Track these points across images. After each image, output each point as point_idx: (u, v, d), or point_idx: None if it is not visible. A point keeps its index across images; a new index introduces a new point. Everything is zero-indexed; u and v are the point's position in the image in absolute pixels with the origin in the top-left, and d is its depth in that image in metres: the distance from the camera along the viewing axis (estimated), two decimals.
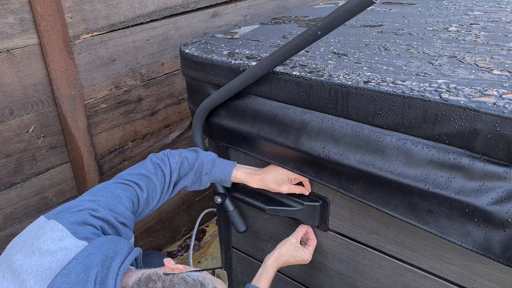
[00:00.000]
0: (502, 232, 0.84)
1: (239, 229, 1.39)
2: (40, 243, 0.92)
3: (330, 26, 0.88)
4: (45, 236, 0.93)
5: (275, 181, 1.24)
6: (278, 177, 1.24)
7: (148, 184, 1.17)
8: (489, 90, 0.91)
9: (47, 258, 0.90)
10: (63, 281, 0.87)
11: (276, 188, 1.25)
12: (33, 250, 0.91)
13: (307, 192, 1.27)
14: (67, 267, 0.88)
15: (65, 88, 1.54)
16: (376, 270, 1.23)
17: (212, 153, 1.30)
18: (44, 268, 0.88)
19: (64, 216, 0.99)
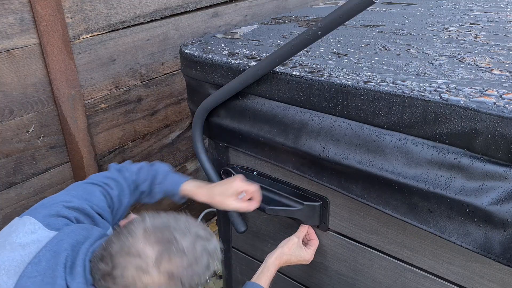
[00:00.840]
0: (502, 232, 0.84)
1: (239, 229, 1.39)
2: (12, 237, 0.93)
3: (330, 26, 0.88)
4: (17, 231, 0.95)
5: (222, 194, 1.23)
6: (225, 191, 1.22)
7: (116, 184, 1.18)
8: (489, 90, 0.91)
9: (19, 252, 0.90)
10: (33, 269, 0.88)
11: (221, 201, 1.23)
12: (4, 245, 0.92)
13: (253, 207, 1.24)
14: (37, 255, 0.90)
15: (65, 88, 1.54)
16: (376, 270, 1.23)
17: (167, 165, 1.31)
18: (17, 262, 0.89)
19: (37, 211, 1.01)
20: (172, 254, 0.91)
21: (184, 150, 2.21)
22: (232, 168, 1.39)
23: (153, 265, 0.89)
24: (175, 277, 0.91)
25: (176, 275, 0.91)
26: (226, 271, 1.73)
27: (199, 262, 0.94)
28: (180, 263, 0.92)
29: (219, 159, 1.45)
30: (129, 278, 0.88)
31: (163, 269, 0.90)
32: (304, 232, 1.31)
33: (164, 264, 0.90)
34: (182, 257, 0.92)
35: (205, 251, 0.96)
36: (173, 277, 0.91)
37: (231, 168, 1.39)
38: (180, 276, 0.91)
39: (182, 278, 0.92)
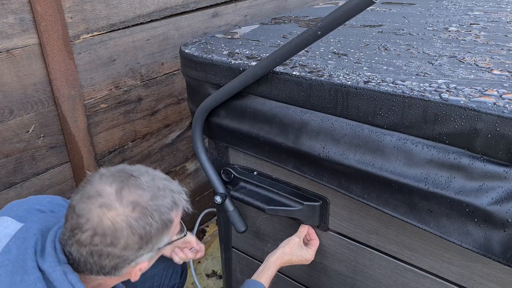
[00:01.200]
0: (502, 232, 0.84)
1: (239, 229, 1.39)
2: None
3: (330, 26, 0.88)
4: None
5: None
6: None
7: None
8: (489, 90, 0.91)
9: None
10: (4, 258, 0.88)
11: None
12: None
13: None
14: (7, 245, 0.91)
15: (65, 88, 1.54)
16: (376, 270, 1.23)
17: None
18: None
19: (11, 209, 1.03)
20: (132, 187, 0.92)
21: (184, 150, 2.21)
22: (232, 168, 1.39)
23: (115, 199, 0.89)
24: (143, 207, 0.91)
25: (140, 205, 0.91)
26: (226, 271, 1.73)
27: (162, 196, 0.94)
28: (142, 195, 0.92)
29: (219, 159, 1.45)
30: (95, 219, 0.88)
31: (125, 200, 0.90)
32: (305, 232, 1.31)
33: (126, 196, 0.90)
34: (143, 190, 0.93)
35: (168, 188, 0.97)
36: (138, 207, 0.90)
37: (231, 168, 1.39)
38: (145, 206, 0.91)
39: (148, 208, 0.91)
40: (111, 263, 0.91)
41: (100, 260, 0.90)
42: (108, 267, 0.91)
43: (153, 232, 0.92)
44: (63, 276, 0.88)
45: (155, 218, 0.92)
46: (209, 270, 2.24)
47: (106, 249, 0.89)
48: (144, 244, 0.92)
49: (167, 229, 0.96)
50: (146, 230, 0.91)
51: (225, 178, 1.42)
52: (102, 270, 0.92)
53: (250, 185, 1.36)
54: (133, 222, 0.89)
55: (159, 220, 0.92)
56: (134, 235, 0.89)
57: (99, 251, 0.89)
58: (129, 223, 0.89)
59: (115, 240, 0.88)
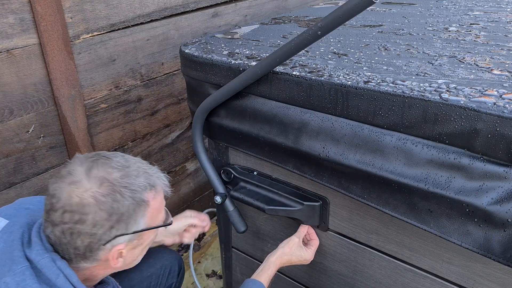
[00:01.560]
0: (502, 232, 0.84)
1: (239, 229, 1.39)
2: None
3: (330, 26, 0.88)
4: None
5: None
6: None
7: None
8: (489, 90, 0.91)
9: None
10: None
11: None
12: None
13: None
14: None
15: (65, 88, 1.54)
16: (376, 270, 1.23)
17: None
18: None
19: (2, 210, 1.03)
20: (102, 165, 0.91)
21: (184, 150, 2.21)
22: (232, 168, 1.39)
23: (84, 177, 0.89)
24: (111, 183, 0.90)
25: (108, 181, 0.90)
26: (226, 271, 1.73)
27: (135, 176, 0.93)
28: (112, 173, 0.91)
29: (219, 159, 1.45)
30: (64, 196, 0.88)
31: (93, 177, 0.89)
32: (304, 232, 1.31)
33: (94, 173, 0.90)
34: (113, 169, 0.92)
35: (142, 170, 0.96)
36: (107, 183, 0.89)
37: (231, 168, 1.39)
38: (116, 183, 0.90)
39: (119, 185, 0.90)
40: (83, 243, 0.89)
41: (72, 239, 0.88)
42: (82, 248, 0.89)
43: (123, 210, 0.90)
44: (52, 262, 0.88)
45: (124, 195, 0.90)
46: (209, 270, 2.24)
47: (76, 226, 0.87)
48: (116, 222, 0.90)
49: (140, 209, 0.93)
50: (115, 207, 0.89)
51: (225, 178, 1.42)
52: (78, 252, 0.90)
53: (250, 185, 1.36)
54: (99, 197, 0.88)
55: (129, 198, 0.90)
56: (101, 210, 0.88)
57: (70, 229, 0.88)
58: (95, 198, 0.87)
59: (83, 216, 0.87)
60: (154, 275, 1.39)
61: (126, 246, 0.95)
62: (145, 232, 0.97)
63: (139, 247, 1.01)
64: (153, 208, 0.97)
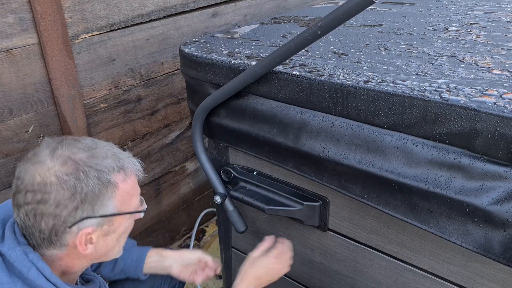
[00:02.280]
0: (502, 232, 0.84)
1: (239, 229, 1.39)
2: None
3: (330, 26, 0.87)
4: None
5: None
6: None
7: None
8: (489, 90, 0.91)
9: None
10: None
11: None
12: None
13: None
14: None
15: (65, 87, 1.54)
16: (376, 270, 1.23)
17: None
18: None
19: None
20: (67, 146, 0.89)
21: (184, 150, 2.21)
22: (232, 168, 1.39)
23: (47, 156, 0.87)
24: (75, 162, 0.87)
25: (72, 159, 0.87)
26: (226, 271, 1.73)
27: (102, 157, 0.90)
28: (77, 153, 0.89)
29: (219, 159, 1.44)
30: (28, 177, 0.86)
31: (57, 156, 0.87)
32: (265, 246, 1.27)
33: (59, 152, 0.88)
34: (79, 149, 0.90)
35: (112, 153, 0.93)
36: (71, 162, 0.87)
37: (231, 168, 1.39)
38: (80, 162, 0.87)
39: (81, 163, 0.87)
40: (48, 225, 0.86)
41: (36, 221, 0.86)
42: (46, 231, 0.87)
43: (87, 190, 0.86)
44: (24, 255, 0.86)
45: (89, 174, 0.87)
46: None
47: (39, 206, 0.85)
48: (80, 203, 0.86)
49: (108, 191, 0.89)
50: (78, 186, 0.85)
51: (225, 178, 1.42)
52: (43, 236, 0.88)
53: (250, 185, 1.36)
54: (62, 175, 0.85)
55: (94, 178, 0.87)
56: (63, 189, 0.85)
57: (33, 210, 0.86)
58: (57, 177, 0.85)
59: (45, 195, 0.85)
60: (158, 276, 1.39)
61: (95, 231, 0.91)
62: (116, 217, 0.93)
63: (112, 235, 0.96)
64: (123, 191, 0.93)
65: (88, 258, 0.96)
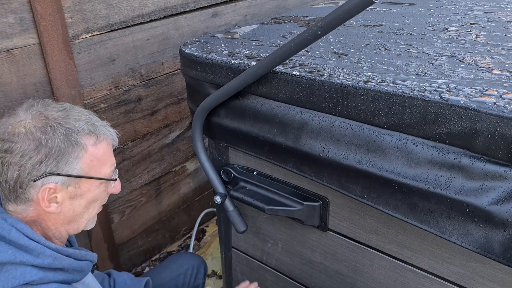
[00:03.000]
0: (502, 232, 0.84)
1: (239, 229, 1.39)
2: None
3: (330, 26, 0.88)
4: None
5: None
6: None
7: None
8: (489, 90, 0.91)
9: None
10: None
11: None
12: None
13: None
14: None
15: (65, 87, 1.54)
16: (376, 270, 1.23)
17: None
18: None
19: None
20: (43, 104, 0.92)
21: (184, 150, 2.21)
22: (232, 168, 1.39)
23: (23, 110, 0.92)
24: (45, 117, 0.90)
25: (44, 115, 0.90)
26: (226, 271, 1.73)
27: (75, 119, 0.92)
28: (51, 110, 0.92)
29: (219, 159, 1.45)
30: (1, 128, 0.90)
31: (31, 111, 0.91)
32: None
33: (34, 108, 0.91)
34: (54, 108, 0.92)
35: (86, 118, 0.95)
36: (42, 117, 0.90)
37: (231, 168, 1.39)
38: (50, 118, 0.90)
39: (51, 119, 0.90)
40: (13, 175, 0.88)
41: (3, 170, 0.88)
42: (12, 182, 0.88)
43: (53, 144, 0.88)
44: (2, 220, 0.88)
45: (56, 130, 0.89)
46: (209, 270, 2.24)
47: (6, 156, 0.87)
48: (44, 157, 0.87)
49: (74, 150, 0.90)
50: (43, 139, 0.87)
51: (225, 178, 1.42)
52: (9, 187, 0.89)
53: (250, 185, 1.36)
54: (30, 127, 0.88)
55: (61, 135, 0.89)
56: (29, 140, 0.87)
57: (1, 159, 0.88)
58: (26, 128, 0.88)
59: (12, 144, 0.87)
60: (182, 275, 1.45)
61: (59, 190, 0.91)
62: (82, 181, 0.93)
63: (80, 200, 0.96)
64: (92, 155, 0.94)
65: (57, 220, 0.96)
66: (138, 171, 1.97)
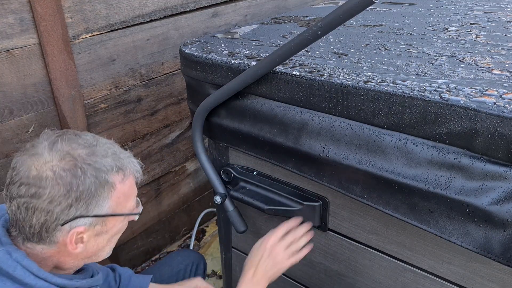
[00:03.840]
0: (502, 232, 0.84)
1: (239, 229, 1.39)
2: None
3: (330, 26, 0.88)
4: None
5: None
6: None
7: None
8: (489, 90, 0.91)
9: None
10: None
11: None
12: None
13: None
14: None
15: (65, 88, 1.54)
16: (376, 270, 1.23)
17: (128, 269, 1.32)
18: None
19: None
20: (67, 140, 0.87)
21: (184, 150, 2.21)
22: (232, 168, 1.39)
23: (46, 150, 0.85)
24: (73, 158, 0.85)
25: (74, 156, 0.85)
26: (226, 271, 1.73)
27: (102, 156, 0.88)
28: (77, 148, 0.86)
29: (219, 159, 1.45)
30: (24, 169, 0.84)
31: (56, 150, 0.85)
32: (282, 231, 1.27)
33: (58, 146, 0.86)
34: (79, 145, 0.87)
35: (111, 151, 0.91)
36: (70, 158, 0.85)
37: (231, 168, 1.39)
38: (78, 159, 0.85)
39: (82, 161, 0.85)
40: (39, 220, 0.84)
41: (28, 215, 0.84)
42: (37, 226, 0.85)
43: (84, 188, 0.84)
44: (7, 255, 0.84)
45: (86, 172, 0.85)
46: (209, 270, 2.24)
47: (32, 200, 0.83)
48: (75, 201, 0.84)
49: (104, 191, 0.87)
50: (74, 183, 0.83)
51: (225, 178, 1.42)
52: (33, 231, 0.86)
53: (250, 185, 1.36)
54: (59, 170, 0.83)
55: (91, 176, 0.85)
56: (59, 185, 0.82)
57: (26, 203, 0.83)
58: (54, 171, 0.83)
59: (40, 190, 0.82)
60: (182, 271, 1.46)
61: (87, 230, 0.89)
62: (109, 218, 0.91)
63: (104, 236, 0.94)
64: (120, 192, 0.91)
65: (78, 257, 0.94)
66: None
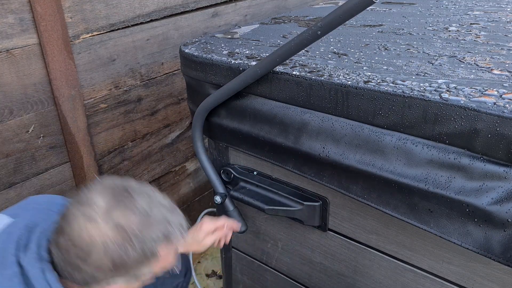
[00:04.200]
0: (502, 232, 0.84)
1: (239, 229, 1.39)
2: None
3: (330, 26, 0.88)
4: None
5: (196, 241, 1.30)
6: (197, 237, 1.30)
7: None
8: (489, 90, 0.91)
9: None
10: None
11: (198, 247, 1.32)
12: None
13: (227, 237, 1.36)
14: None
15: (65, 88, 1.54)
16: (376, 270, 1.23)
17: None
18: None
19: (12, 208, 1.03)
20: (124, 208, 0.87)
21: (184, 150, 2.21)
22: (232, 168, 1.39)
23: (101, 214, 0.85)
24: (124, 231, 0.86)
25: (125, 229, 0.86)
26: (226, 271, 1.73)
27: (155, 226, 0.89)
28: (132, 219, 0.87)
29: (219, 159, 1.45)
30: (75, 227, 0.85)
31: (111, 220, 0.85)
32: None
33: (114, 215, 0.86)
34: (136, 214, 0.87)
35: (164, 218, 0.91)
36: (121, 231, 0.85)
37: (231, 168, 1.39)
38: (129, 232, 0.86)
39: (132, 235, 0.86)
40: (80, 275, 0.87)
41: (72, 269, 0.87)
42: (78, 279, 0.88)
43: (129, 261, 0.87)
44: (41, 274, 0.86)
45: (135, 247, 0.86)
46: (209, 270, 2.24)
47: (77, 262, 0.85)
48: (117, 271, 0.87)
49: (148, 261, 0.90)
50: (122, 258, 0.86)
51: (225, 178, 1.42)
52: (73, 278, 0.88)
53: (250, 185, 1.36)
54: (110, 244, 0.84)
55: (139, 250, 0.87)
56: (106, 257, 0.85)
57: (70, 261, 0.86)
58: (105, 244, 0.84)
59: (87, 257, 0.85)
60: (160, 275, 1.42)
61: (122, 286, 0.92)
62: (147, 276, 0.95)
63: (135, 283, 0.96)
64: (164, 261, 0.94)
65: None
66: (138, 172, 1.97)
